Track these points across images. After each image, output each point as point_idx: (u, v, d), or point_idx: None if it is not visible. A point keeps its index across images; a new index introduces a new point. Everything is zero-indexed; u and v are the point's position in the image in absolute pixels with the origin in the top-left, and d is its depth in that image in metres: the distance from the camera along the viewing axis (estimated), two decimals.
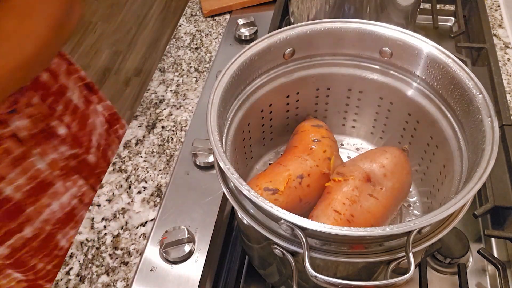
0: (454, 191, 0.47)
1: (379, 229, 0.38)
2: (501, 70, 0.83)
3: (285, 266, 0.51)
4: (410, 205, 0.62)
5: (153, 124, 0.79)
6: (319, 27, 0.57)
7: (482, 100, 0.47)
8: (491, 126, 0.45)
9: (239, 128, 0.57)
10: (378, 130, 0.67)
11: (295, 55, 0.59)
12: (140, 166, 0.73)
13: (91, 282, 0.60)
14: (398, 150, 0.57)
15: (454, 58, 0.51)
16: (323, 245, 0.42)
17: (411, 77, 0.58)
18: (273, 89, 0.60)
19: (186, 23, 1.00)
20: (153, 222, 0.65)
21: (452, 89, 0.52)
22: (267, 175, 0.55)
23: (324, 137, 0.60)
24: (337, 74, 0.62)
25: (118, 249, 0.63)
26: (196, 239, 0.62)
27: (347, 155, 0.69)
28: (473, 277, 0.63)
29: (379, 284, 0.39)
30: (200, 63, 0.90)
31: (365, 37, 0.57)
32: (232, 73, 0.52)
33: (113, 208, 0.68)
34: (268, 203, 0.39)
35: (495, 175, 0.66)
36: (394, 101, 0.62)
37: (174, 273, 0.59)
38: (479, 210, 0.63)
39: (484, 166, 0.42)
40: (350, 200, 0.51)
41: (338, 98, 0.66)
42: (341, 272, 0.47)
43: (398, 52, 0.56)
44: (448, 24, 1.03)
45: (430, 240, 0.42)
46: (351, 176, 0.53)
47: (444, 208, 0.39)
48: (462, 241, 0.62)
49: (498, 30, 0.93)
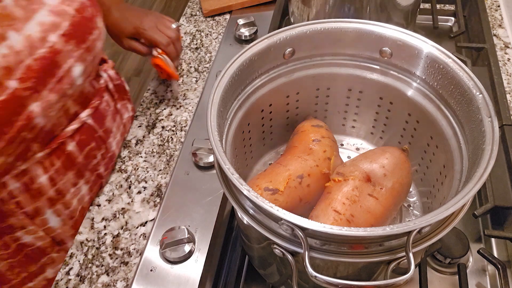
0: (454, 191, 0.47)
1: (379, 229, 0.38)
2: (501, 70, 0.83)
3: (285, 266, 0.51)
4: (410, 205, 0.62)
5: (153, 124, 0.79)
6: (319, 27, 0.57)
7: (482, 100, 0.47)
8: (491, 126, 0.45)
9: (239, 128, 0.57)
10: (378, 130, 0.67)
11: (295, 55, 0.59)
12: (140, 166, 0.73)
13: (91, 282, 0.60)
14: (398, 150, 0.57)
15: (454, 58, 0.51)
16: (323, 245, 0.42)
17: (411, 77, 0.58)
18: (273, 89, 0.60)
19: (186, 23, 1.00)
20: (153, 222, 0.65)
21: (452, 89, 0.52)
22: (267, 175, 0.55)
23: (324, 137, 0.60)
24: (337, 74, 0.62)
25: (118, 249, 0.63)
26: (196, 239, 0.62)
27: (347, 155, 0.69)
28: (473, 277, 0.63)
29: (379, 284, 0.39)
30: (200, 63, 0.90)
31: (365, 37, 0.57)
32: (232, 73, 0.52)
33: (113, 208, 0.68)
34: (268, 203, 0.39)
35: (495, 175, 0.66)
36: (394, 101, 0.62)
37: (174, 273, 0.59)
38: (479, 210, 0.63)
39: (484, 166, 0.42)
40: (350, 200, 0.51)
41: (338, 98, 0.66)
42: (341, 272, 0.47)
43: (398, 52, 0.56)
44: (448, 24, 1.03)
45: (430, 240, 0.42)
46: (351, 176, 0.53)
47: (444, 208, 0.39)
48: (462, 241, 0.62)
49: (498, 30, 0.93)
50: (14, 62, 0.45)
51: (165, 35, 0.74)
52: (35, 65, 0.47)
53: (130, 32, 0.74)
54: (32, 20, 0.47)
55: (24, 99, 0.47)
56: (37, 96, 0.48)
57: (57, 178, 0.60)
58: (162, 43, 0.74)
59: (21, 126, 0.48)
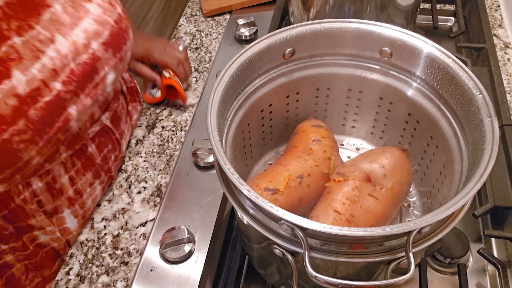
0: (454, 191, 0.47)
1: (379, 229, 0.38)
2: (501, 70, 0.83)
3: (285, 266, 0.51)
4: (410, 205, 0.62)
5: (153, 124, 0.79)
6: (319, 27, 0.57)
7: (482, 100, 0.47)
8: (491, 126, 0.45)
9: (239, 128, 0.57)
10: (378, 130, 0.67)
11: (295, 55, 0.59)
12: (140, 166, 0.73)
13: (91, 282, 0.60)
14: (398, 150, 0.57)
15: (454, 58, 0.51)
16: (323, 245, 0.42)
17: (411, 77, 0.58)
18: (273, 89, 0.60)
19: (186, 23, 1.00)
20: (153, 222, 0.65)
21: (452, 89, 0.52)
22: (267, 175, 0.55)
23: (324, 137, 0.60)
24: (337, 74, 0.62)
25: (118, 249, 0.63)
26: (196, 239, 0.62)
27: (347, 155, 0.69)
28: (473, 277, 0.63)
29: (379, 284, 0.39)
30: (200, 63, 0.90)
31: (365, 37, 0.57)
32: (232, 73, 0.52)
33: (113, 208, 0.68)
34: (268, 203, 0.39)
35: (495, 175, 0.66)
36: (394, 101, 0.61)
37: (174, 273, 0.59)
38: (479, 210, 0.63)
39: (484, 166, 0.42)
40: (350, 200, 0.51)
41: (338, 98, 0.66)
42: (341, 272, 0.47)
43: (398, 52, 0.56)
44: (448, 24, 1.03)
45: (430, 240, 0.42)
46: (351, 176, 0.53)
47: (444, 208, 0.39)
48: (462, 241, 0.62)
49: (498, 30, 0.93)
50: (60, 65, 0.47)
51: (174, 56, 0.79)
52: (77, 69, 0.49)
53: (139, 55, 0.79)
54: (77, 27, 0.49)
55: (65, 101, 0.49)
56: (76, 100, 0.50)
57: (76, 178, 0.62)
58: (172, 64, 0.78)
59: (59, 127, 0.50)
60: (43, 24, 0.46)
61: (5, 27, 0.43)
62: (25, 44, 0.44)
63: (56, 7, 0.47)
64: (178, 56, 0.79)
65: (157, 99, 0.81)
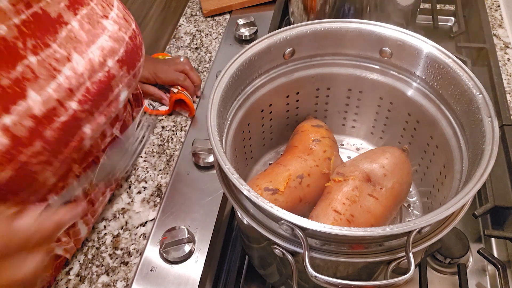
0: (454, 191, 0.47)
1: (379, 229, 0.38)
2: (501, 70, 0.83)
3: (285, 266, 0.51)
4: (410, 205, 0.62)
5: (153, 124, 0.79)
6: (319, 27, 0.57)
7: (482, 100, 0.47)
8: (491, 126, 0.45)
9: (239, 128, 0.57)
10: (378, 130, 0.67)
11: (295, 55, 0.59)
12: (140, 166, 0.73)
13: (91, 282, 0.60)
14: (398, 150, 0.57)
15: (454, 58, 0.51)
16: (323, 245, 0.42)
17: (411, 77, 0.58)
18: (273, 89, 0.60)
19: (186, 23, 1.00)
20: (153, 222, 0.65)
21: (452, 89, 0.52)
22: (267, 175, 0.55)
23: (324, 137, 0.60)
24: (337, 74, 0.62)
25: (118, 249, 0.63)
26: (196, 239, 0.62)
27: (347, 155, 0.69)
28: (473, 277, 0.63)
29: (379, 284, 0.39)
30: (200, 63, 0.90)
31: (365, 37, 0.57)
32: (232, 73, 0.52)
33: (113, 208, 0.68)
34: (268, 203, 0.39)
35: (495, 175, 0.66)
36: (394, 101, 0.61)
37: (174, 273, 0.59)
38: (479, 210, 0.63)
39: (484, 166, 0.42)
40: (350, 200, 0.51)
41: (338, 98, 0.66)
42: (341, 272, 0.47)
43: (398, 52, 0.56)
44: (448, 24, 1.03)
45: (430, 240, 0.42)
46: (351, 176, 0.53)
47: (444, 208, 0.39)
48: (462, 241, 0.62)
49: (498, 30, 0.93)
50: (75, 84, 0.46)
51: (179, 73, 0.80)
52: (92, 88, 0.48)
53: (145, 77, 0.81)
54: (94, 44, 0.48)
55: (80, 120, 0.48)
56: (90, 119, 0.49)
57: (90, 189, 0.61)
58: (179, 79, 0.80)
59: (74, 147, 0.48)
60: (59, 42, 0.44)
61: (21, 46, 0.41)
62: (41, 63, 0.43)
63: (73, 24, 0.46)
64: (183, 69, 0.80)
65: (161, 112, 0.81)
